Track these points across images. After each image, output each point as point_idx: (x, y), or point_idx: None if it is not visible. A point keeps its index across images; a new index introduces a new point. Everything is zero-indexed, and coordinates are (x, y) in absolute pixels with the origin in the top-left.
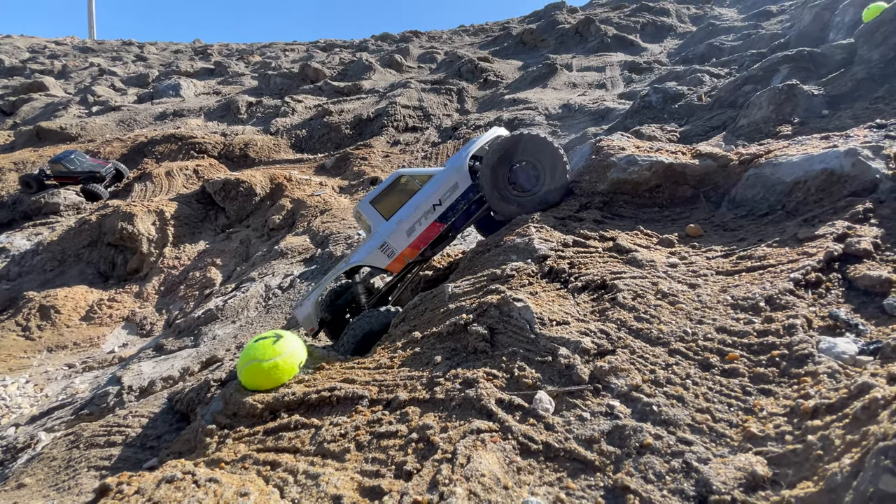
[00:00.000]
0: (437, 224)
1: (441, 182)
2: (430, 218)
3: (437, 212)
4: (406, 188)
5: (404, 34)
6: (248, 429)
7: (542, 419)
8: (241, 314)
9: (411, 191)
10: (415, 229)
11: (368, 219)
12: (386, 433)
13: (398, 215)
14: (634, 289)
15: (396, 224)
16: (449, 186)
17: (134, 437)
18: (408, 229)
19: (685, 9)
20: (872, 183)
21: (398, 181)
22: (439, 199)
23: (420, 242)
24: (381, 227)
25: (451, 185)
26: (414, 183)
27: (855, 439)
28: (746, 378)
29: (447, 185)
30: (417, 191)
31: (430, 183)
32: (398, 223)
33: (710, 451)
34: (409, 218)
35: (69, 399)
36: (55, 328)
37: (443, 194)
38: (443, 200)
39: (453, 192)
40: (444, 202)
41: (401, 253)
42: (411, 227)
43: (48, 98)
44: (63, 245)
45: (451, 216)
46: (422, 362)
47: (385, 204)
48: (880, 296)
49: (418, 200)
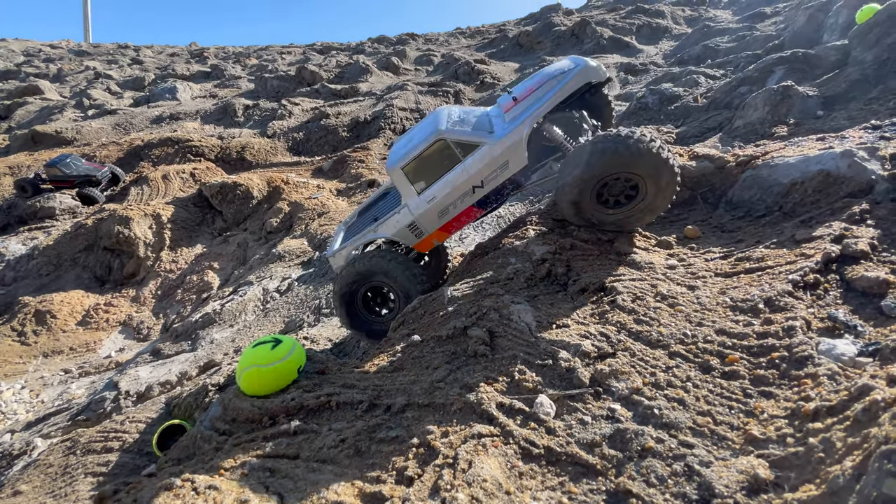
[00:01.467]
0: (474, 209)
1: (487, 157)
2: (468, 201)
3: (477, 195)
4: (444, 155)
5: (401, 37)
6: (248, 434)
7: (543, 423)
8: (239, 318)
9: (450, 161)
10: (448, 212)
11: (398, 187)
12: (386, 438)
13: (431, 192)
14: (634, 291)
15: (428, 203)
16: (497, 164)
17: (131, 443)
18: (440, 211)
19: (680, 11)
20: (868, 184)
21: (436, 146)
22: (482, 181)
23: (452, 227)
24: (412, 202)
25: (499, 162)
26: (454, 151)
27: (856, 442)
28: (747, 380)
29: (495, 163)
30: (457, 163)
31: (474, 156)
32: (430, 202)
33: (711, 454)
34: (442, 198)
35: (65, 405)
36: (51, 333)
37: (487, 174)
38: (486, 182)
39: (501, 171)
40: (487, 184)
41: (430, 235)
42: (444, 209)
43: (43, 102)
44: (59, 249)
45: (493, 202)
46: (422, 366)
47: (418, 172)
48: (878, 297)
49: (456, 178)
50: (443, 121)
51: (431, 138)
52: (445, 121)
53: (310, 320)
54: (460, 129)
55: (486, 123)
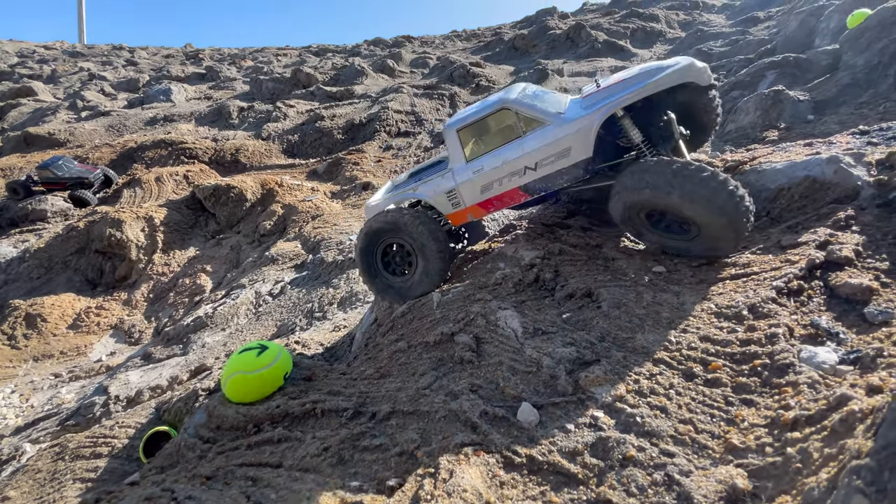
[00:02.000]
0: (519, 192)
1: (549, 138)
2: (515, 182)
3: (527, 178)
4: (505, 126)
5: (397, 39)
6: (232, 442)
7: (525, 431)
8: (231, 321)
9: (508, 134)
10: (491, 188)
11: (448, 148)
12: (370, 447)
13: (479, 162)
14: (619, 297)
15: (473, 173)
16: (557, 149)
17: (120, 449)
18: (484, 185)
19: (674, 15)
20: (854, 190)
21: (499, 113)
22: (536, 163)
23: (491, 205)
24: (458, 169)
25: (560, 147)
26: (516, 124)
27: (833, 453)
28: (729, 388)
29: (555, 146)
30: (515, 139)
31: (535, 133)
32: (475, 173)
33: (692, 464)
34: (490, 171)
35: (55, 409)
36: (41, 337)
37: (543, 158)
38: (540, 166)
39: (560, 158)
40: (540, 168)
41: (466, 208)
42: (488, 185)
43: (36, 103)
44: (50, 252)
45: (540, 191)
46: (408, 372)
47: (472, 138)
48: (861, 303)
49: (509, 154)
50: (515, 91)
51: (497, 105)
52: (518, 92)
53: (302, 324)
54: (530, 102)
55: (560, 105)
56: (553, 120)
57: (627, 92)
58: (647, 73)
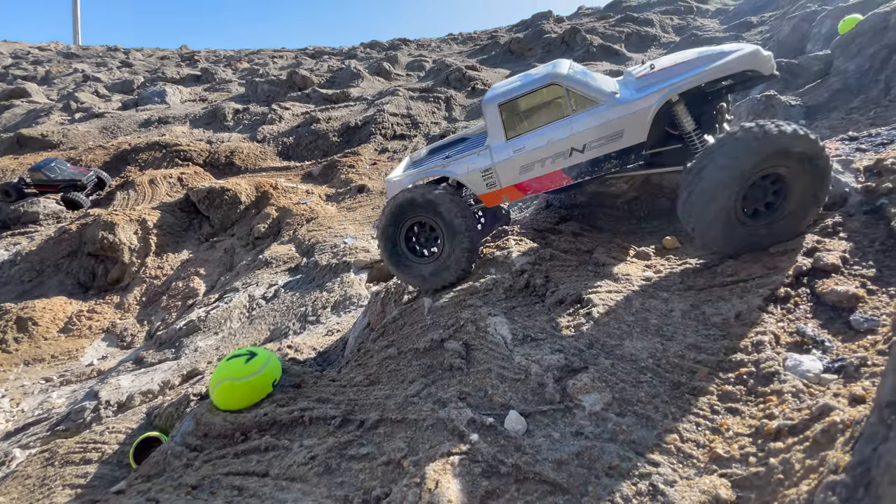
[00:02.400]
0: (562, 175)
1: (601, 120)
2: (559, 164)
3: (572, 160)
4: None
5: (393, 42)
6: (219, 451)
7: (512, 440)
8: (224, 325)
9: (556, 113)
10: (532, 169)
11: (487, 124)
12: (357, 455)
13: (522, 141)
14: (609, 303)
15: (513, 152)
16: (609, 131)
17: (110, 455)
18: (524, 165)
19: (669, 19)
20: (842, 196)
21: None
22: (584, 145)
23: (529, 188)
24: (497, 146)
25: (613, 129)
26: (565, 102)
27: (814, 464)
28: (715, 396)
29: (607, 128)
30: (562, 117)
31: (585, 113)
32: (516, 151)
33: (676, 473)
34: (532, 151)
35: (45, 414)
36: (32, 341)
37: (593, 139)
38: (588, 148)
39: (611, 141)
40: (588, 151)
41: (501, 189)
42: (529, 165)
43: (30, 104)
44: (42, 255)
45: (585, 176)
46: (398, 380)
47: (515, 115)
48: (847, 311)
49: (556, 134)
50: (563, 67)
51: (546, 80)
52: (567, 68)
53: (295, 328)
54: (582, 79)
55: (609, 85)
56: (606, 100)
57: (689, 75)
58: (708, 57)
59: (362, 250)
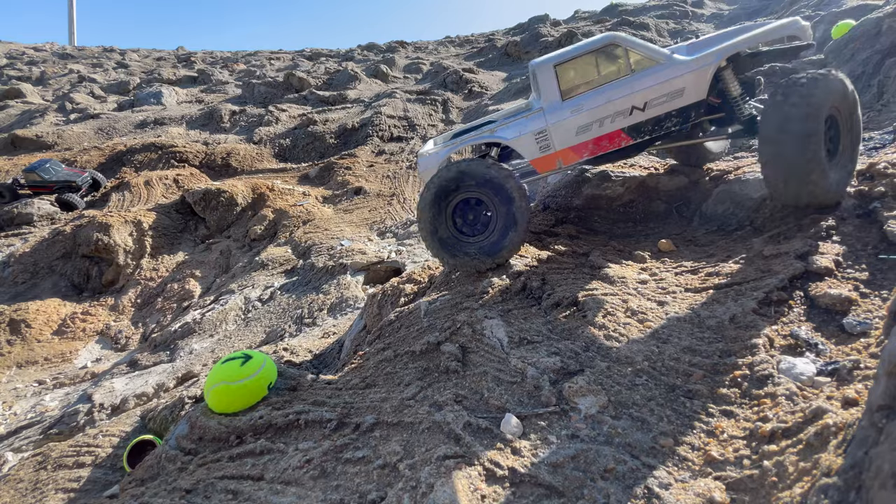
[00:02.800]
0: (622, 135)
1: (662, 78)
2: (619, 123)
3: (633, 119)
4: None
5: (390, 44)
6: (213, 454)
7: (509, 443)
8: (220, 327)
9: (614, 73)
10: (590, 129)
11: (540, 85)
12: (353, 459)
13: (579, 100)
14: (605, 306)
15: (570, 112)
16: (670, 89)
17: (104, 458)
18: (582, 125)
19: (664, 23)
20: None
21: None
22: (645, 103)
23: (586, 149)
24: (550, 107)
25: (674, 87)
26: (624, 62)
27: (807, 467)
28: (709, 399)
29: (669, 87)
30: (621, 77)
31: (646, 72)
32: (573, 111)
33: (671, 476)
34: (592, 110)
35: (38, 417)
36: (26, 343)
37: (654, 97)
38: (649, 106)
39: (672, 98)
40: (649, 109)
41: (556, 152)
42: (587, 125)
43: (25, 105)
44: (36, 257)
45: (645, 135)
46: (393, 382)
47: (571, 75)
48: (840, 314)
49: (617, 92)
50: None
51: (605, 40)
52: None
53: (291, 330)
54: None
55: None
56: (666, 60)
57: (738, 38)
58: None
59: (359, 252)
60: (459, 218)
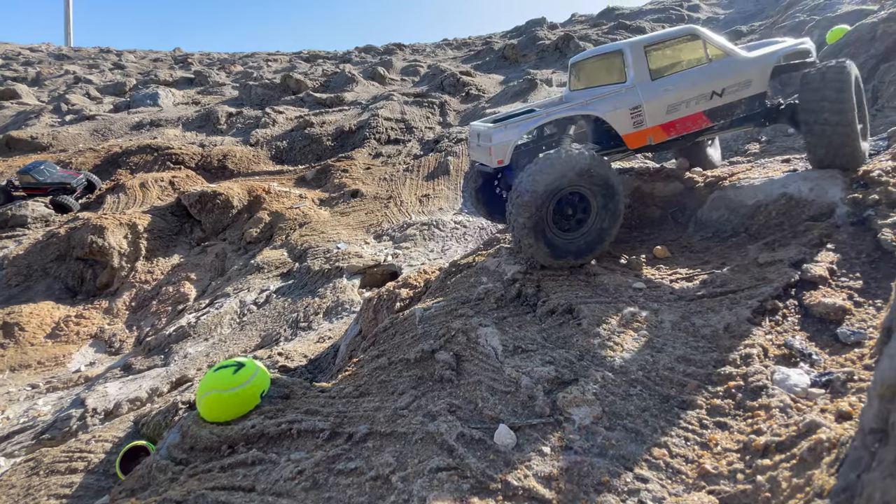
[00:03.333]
0: (703, 116)
1: (734, 69)
2: (702, 106)
3: (713, 103)
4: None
5: (388, 47)
6: (205, 464)
7: (501, 455)
8: (215, 331)
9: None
10: (678, 110)
11: (632, 65)
12: (345, 470)
13: (668, 81)
14: (599, 314)
15: (663, 91)
16: (741, 79)
17: (97, 464)
18: (671, 104)
19: (661, 27)
20: (830, 207)
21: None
22: (723, 89)
23: (673, 128)
24: (643, 86)
25: (744, 78)
26: (702, 52)
27: (800, 483)
28: (703, 410)
29: (740, 77)
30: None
31: (721, 62)
32: (664, 90)
33: (665, 490)
34: (679, 91)
35: (31, 422)
36: (19, 346)
37: (729, 85)
38: (726, 92)
39: (742, 88)
40: (725, 95)
41: (648, 128)
42: (675, 105)
43: (20, 106)
44: (29, 259)
45: (720, 118)
46: (387, 391)
47: (659, 57)
48: (835, 323)
49: (699, 77)
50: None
51: (686, 31)
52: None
53: (286, 334)
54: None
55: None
56: (734, 53)
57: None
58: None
59: (355, 255)
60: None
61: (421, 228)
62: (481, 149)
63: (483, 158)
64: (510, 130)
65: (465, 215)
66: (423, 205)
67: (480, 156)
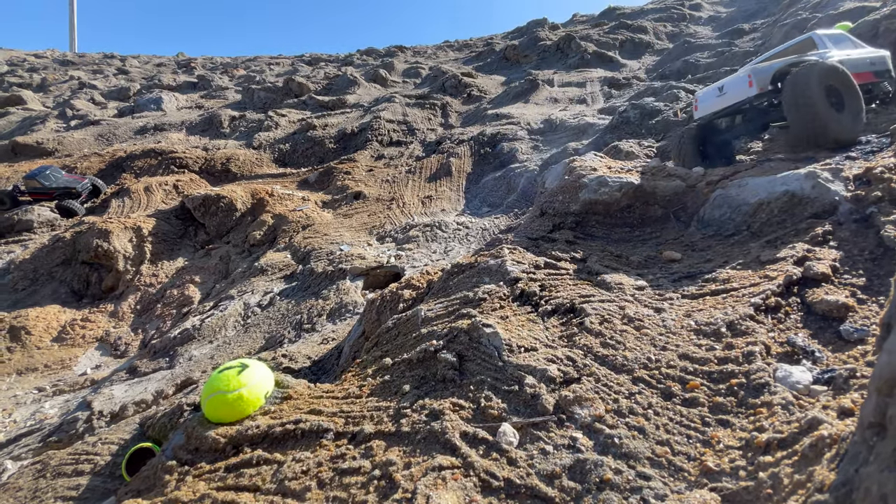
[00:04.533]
0: (872, 77)
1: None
2: (869, 69)
3: (874, 68)
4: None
5: (389, 49)
6: (210, 465)
7: (505, 453)
8: (219, 333)
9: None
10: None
11: (827, 42)
12: (349, 469)
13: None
14: (602, 313)
15: (846, 55)
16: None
17: (103, 466)
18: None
19: (662, 27)
20: (832, 205)
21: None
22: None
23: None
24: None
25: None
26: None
27: (802, 480)
28: (706, 408)
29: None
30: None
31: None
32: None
33: (667, 487)
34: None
35: (38, 425)
36: (25, 350)
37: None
38: (876, 64)
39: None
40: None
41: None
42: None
43: (25, 112)
44: (35, 263)
45: (871, 84)
46: (391, 391)
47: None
48: (837, 321)
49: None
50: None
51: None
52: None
53: (290, 336)
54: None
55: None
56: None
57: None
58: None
59: (358, 257)
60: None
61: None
62: (725, 95)
63: (739, 95)
64: (764, 71)
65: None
66: (426, 206)
67: (724, 101)
